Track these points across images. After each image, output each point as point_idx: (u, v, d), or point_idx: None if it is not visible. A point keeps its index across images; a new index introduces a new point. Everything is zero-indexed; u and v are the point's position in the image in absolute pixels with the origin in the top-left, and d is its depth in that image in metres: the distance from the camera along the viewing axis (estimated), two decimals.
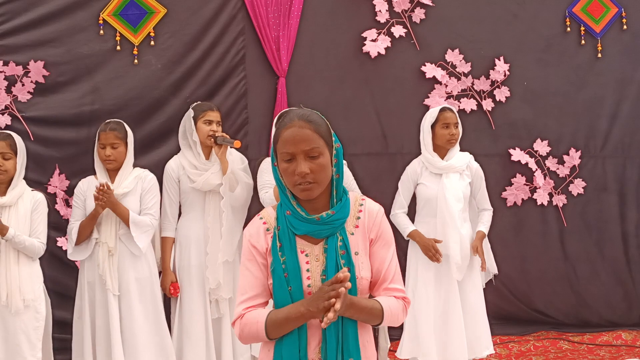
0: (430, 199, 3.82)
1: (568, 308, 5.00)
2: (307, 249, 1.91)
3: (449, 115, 3.82)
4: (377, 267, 1.95)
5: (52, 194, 4.28)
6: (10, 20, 4.23)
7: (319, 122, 1.89)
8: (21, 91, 4.25)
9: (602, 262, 5.03)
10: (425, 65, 4.75)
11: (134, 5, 4.37)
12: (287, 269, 1.88)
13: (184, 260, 3.91)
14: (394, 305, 1.94)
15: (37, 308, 3.56)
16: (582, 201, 4.97)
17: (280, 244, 1.90)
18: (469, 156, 3.93)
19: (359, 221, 1.95)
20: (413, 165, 3.93)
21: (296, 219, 1.90)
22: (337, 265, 1.87)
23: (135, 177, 3.78)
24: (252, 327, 1.89)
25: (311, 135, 1.86)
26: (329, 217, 1.89)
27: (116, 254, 3.69)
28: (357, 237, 1.93)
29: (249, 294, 1.92)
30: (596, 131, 4.98)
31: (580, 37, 4.90)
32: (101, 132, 3.73)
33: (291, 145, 1.86)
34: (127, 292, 3.71)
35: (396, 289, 1.96)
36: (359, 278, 1.89)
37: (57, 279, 4.30)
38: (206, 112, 3.87)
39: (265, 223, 1.96)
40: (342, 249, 1.89)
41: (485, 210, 3.97)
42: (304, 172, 1.85)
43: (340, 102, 4.70)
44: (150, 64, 4.43)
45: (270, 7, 4.52)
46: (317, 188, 1.88)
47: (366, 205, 1.98)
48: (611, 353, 4.63)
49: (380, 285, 1.96)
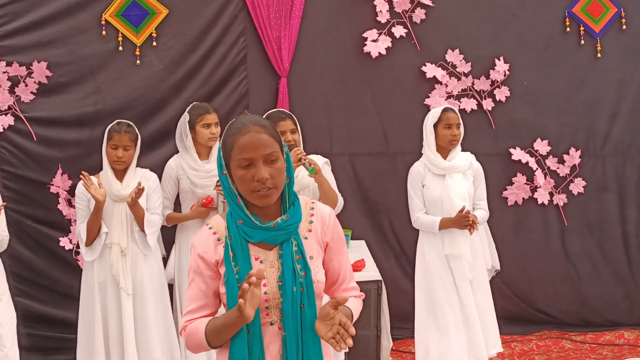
0: (435, 201, 3.80)
1: (570, 307, 4.99)
2: (261, 255, 1.89)
3: (451, 116, 3.82)
4: (335, 270, 1.98)
5: (54, 193, 4.29)
6: (14, 21, 4.26)
7: (271, 127, 1.87)
8: (24, 92, 4.27)
9: (603, 261, 5.03)
10: (425, 65, 4.77)
11: (136, 6, 4.40)
12: (240, 279, 1.84)
13: (183, 260, 3.93)
14: (358, 306, 2.02)
15: (8, 301, 3.56)
16: (583, 200, 4.98)
17: (233, 253, 1.87)
18: (471, 156, 3.93)
19: (311, 225, 1.94)
20: (416, 167, 3.91)
21: (249, 227, 1.87)
22: (294, 270, 1.86)
23: (140, 177, 3.79)
24: (194, 338, 1.88)
25: (268, 140, 1.84)
26: (284, 223, 1.87)
27: (129, 253, 3.70)
28: (310, 241, 1.92)
29: (192, 305, 1.92)
30: (596, 131, 4.99)
31: (580, 37, 4.92)
32: (115, 133, 3.69)
33: (250, 150, 1.82)
34: (140, 290, 3.72)
35: (353, 287, 2.03)
36: (315, 282, 1.88)
37: (60, 279, 4.32)
38: (203, 115, 3.85)
39: (216, 233, 1.92)
40: (297, 254, 1.88)
41: (482, 209, 3.90)
42: (265, 177, 1.82)
43: (341, 102, 4.72)
44: (152, 65, 4.45)
45: (272, 7, 4.54)
46: (275, 193, 1.86)
47: (317, 209, 1.97)
48: (614, 352, 4.63)
49: (340, 286, 1.99)
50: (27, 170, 4.30)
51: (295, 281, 1.85)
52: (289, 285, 1.84)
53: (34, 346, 4.28)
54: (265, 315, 1.86)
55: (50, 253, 4.33)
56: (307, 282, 1.86)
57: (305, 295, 1.85)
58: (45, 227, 4.32)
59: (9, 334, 3.50)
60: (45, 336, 4.32)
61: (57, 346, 4.28)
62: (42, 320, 4.31)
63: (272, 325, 1.87)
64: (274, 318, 1.87)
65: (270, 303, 1.86)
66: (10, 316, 3.55)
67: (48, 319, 4.33)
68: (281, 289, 1.85)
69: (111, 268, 3.67)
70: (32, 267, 4.30)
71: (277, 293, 1.86)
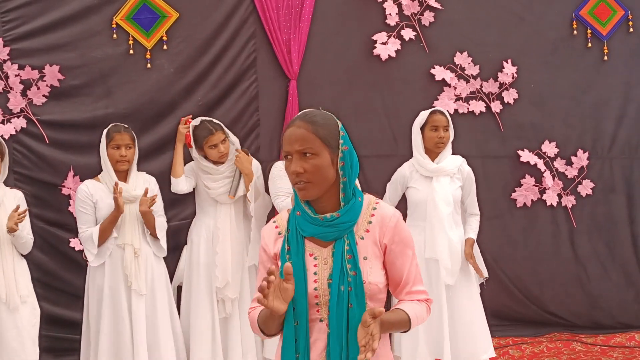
0: (420, 203, 3.80)
1: (580, 309, 4.99)
2: (316, 251, 1.91)
3: (437, 118, 3.81)
4: (397, 272, 1.94)
5: (65, 195, 4.31)
6: (26, 24, 4.28)
7: (320, 123, 1.87)
8: (36, 95, 4.29)
9: (613, 263, 5.03)
10: (434, 68, 4.80)
11: (146, 10, 4.43)
12: (293, 273, 1.85)
13: (193, 258, 3.96)
14: (419, 309, 1.95)
15: (34, 304, 3.59)
16: (591, 202, 4.99)
17: (289, 247, 1.91)
18: (461, 159, 3.91)
19: (370, 225, 1.92)
20: (403, 168, 3.93)
21: (304, 219, 1.91)
22: (343, 270, 1.86)
23: (143, 180, 3.82)
24: (253, 325, 1.97)
25: (306, 136, 1.85)
26: (334, 219, 1.88)
27: (142, 255, 3.70)
28: (367, 241, 1.91)
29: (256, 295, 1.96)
30: (603, 133, 5.01)
31: (587, 40, 4.95)
32: (115, 133, 3.71)
33: (287, 144, 1.88)
34: (151, 292, 3.74)
35: (418, 291, 1.97)
36: (366, 283, 1.87)
37: (69, 279, 4.32)
38: (207, 137, 3.86)
39: (277, 227, 1.98)
40: (348, 254, 1.87)
41: (473, 215, 3.93)
42: (296, 171, 1.85)
43: (350, 105, 4.74)
44: (163, 68, 4.47)
45: (281, 10, 4.57)
46: (312, 188, 1.87)
47: (379, 209, 1.94)
48: (624, 355, 4.62)
49: (403, 289, 1.96)
50: (39, 172, 4.31)
51: (344, 280, 1.85)
52: (337, 283, 1.85)
53: (46, 347, 4.26)
54: (316, 311, 1.88)
55: (60, 254, 4.34)
56: (357, 282, 1.85)
57: (353, 295, 1.85)
58: (56, 228, 4.33)
59: (28, 338, 3.50)
60: (56, 337, 4.30)
61: (67, 347, 4.27)
62: (52, 322, 4.30)
63: (321, 322, 1.89)
64: (323, 315, 1.89)
65: (320, 300, 1.87)
66: (33, 319, 3.55)
67: (58, 320, 4.32)
68: (330, 286, 1.86)
69: (125, 269, 3.67)
70: (43, 268, 4.30)
71: (327, 290, 1.86)
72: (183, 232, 4.19)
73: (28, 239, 3.59)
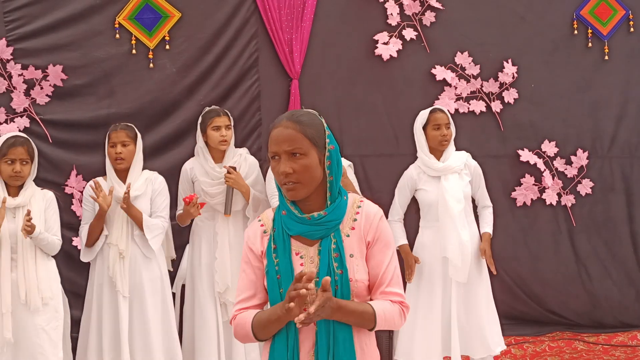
0: (432, 204, 3.81)
1: (582, 309, 5.00)
2: (302, 250, 1.91)
3: (439, 116, 3.82)
4: (374, 270, 1.91)
5: (68, 194, 4.33)
6: (29, 24, 4.31)
7: (307, 123, 1.87)
8: (40, 94, 4.31)
9: (613, 262, 5.05)
10: (435, 68, 4.82)
11: (149, 10, 4.45)
12: (279, 271, 1.88)
13: (195, 259, 3.96)
14: (389, 309, 1.89)
15: (56, 307, 3.55)
16: (591, 201, 5.01)
17: (275, 246, 1.91)
18: (466, 154, 3.92)
19: (355, 223, 1.92)
20: (410, 171, 3.93)
21: (290, 219, 1.90)
22: (330, 268, 1.85)
23: (145, 179, 3.79)
24: (242, 328, 1.92)
25: (294, 136, 1.85)
26: (321, 218, 1.88)
27: (127, 256, 3.68)
28: (352, 239, 1.90)
29: (243, 295, 1.95)
30: (603, 132, 5.03)
31: (588, 40, 4.98)
32: (112, 132, 3.74)
33: (274, 144, 1.86)
34: (139, 294, 3.70)
35: (393, 292, 1.91)
36: (352, 281, 1.87)
37: (74, 279, 4.32)
38: (213, 118, 3.89)
39: (263, 225, 1.97)
40: (335, 252, 1.87)
41: (486, 207, 3.96)
42: (285, 171, 1.84)
43: (352, 104, 4.76)
44: (165, 68, 4.50)
45: (283, 10, 4.59)
46: (301, 188, 1.86)
47: (364, 207, 1.94)
48: (627, 354, 4.63)
49: (377, 289, 1.92)
50: (42, 172, 4.27)
51: (331, 278, 1.84)
52: None
53: None
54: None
55: (63, 253, 4.32)
56: (343, 280, 1.85)
57: (339, 293, 1.84)
58: None
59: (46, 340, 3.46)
60: None
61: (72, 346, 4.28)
62: None
63: None
64: None
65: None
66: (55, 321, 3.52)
67: None
68: (317, 285, 1.82)
69: (108, 270, 3.67)
70: None
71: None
72: (186, 231, 4.19)
73: (52, 241, 3.56)
